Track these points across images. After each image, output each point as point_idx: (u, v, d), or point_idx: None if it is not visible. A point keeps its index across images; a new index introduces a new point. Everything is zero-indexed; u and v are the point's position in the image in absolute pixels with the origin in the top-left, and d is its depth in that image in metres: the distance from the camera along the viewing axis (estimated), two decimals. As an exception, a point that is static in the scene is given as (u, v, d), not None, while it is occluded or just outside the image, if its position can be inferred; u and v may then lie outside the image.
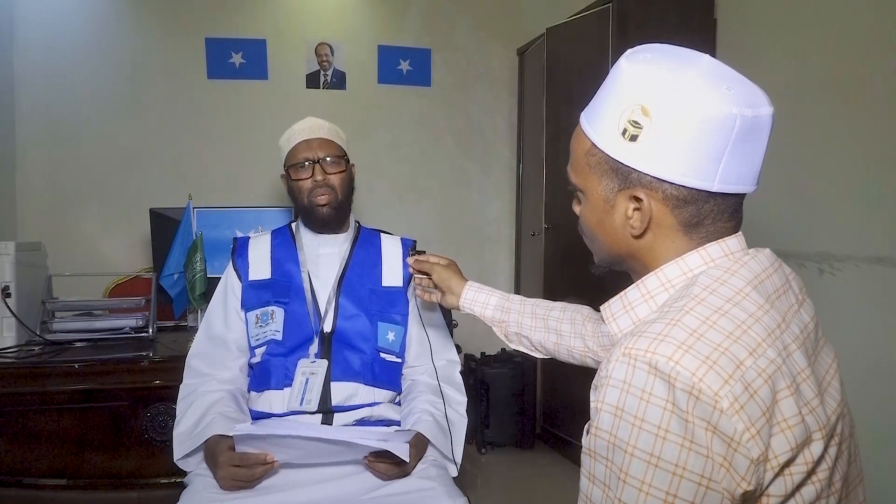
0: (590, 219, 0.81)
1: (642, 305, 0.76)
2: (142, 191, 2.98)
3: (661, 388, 0.60)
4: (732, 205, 0.72)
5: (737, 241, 0.73)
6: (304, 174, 1.48)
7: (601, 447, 0.63)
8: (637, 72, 0.71)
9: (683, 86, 0.68)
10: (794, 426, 0.61)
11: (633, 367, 0.62)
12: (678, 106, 0.68)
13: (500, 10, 3.50)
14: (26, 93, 2.93)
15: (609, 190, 0.75)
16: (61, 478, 1.64)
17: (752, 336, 0.63)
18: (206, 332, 1.50)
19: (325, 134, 1.52)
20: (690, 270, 0.72)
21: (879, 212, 1.83)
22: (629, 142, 0.70)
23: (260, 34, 3.17)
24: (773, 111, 0.69)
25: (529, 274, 3.29)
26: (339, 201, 1.50)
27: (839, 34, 1.95)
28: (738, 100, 0.67)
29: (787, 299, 0.72)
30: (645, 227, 0.73)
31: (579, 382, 2.65)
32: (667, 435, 0.59)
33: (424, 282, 1.36)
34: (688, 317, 0.64)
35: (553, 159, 2.95)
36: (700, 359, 0.60)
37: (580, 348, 1.19)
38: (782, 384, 0.62)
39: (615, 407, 0.62)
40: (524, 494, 2.63)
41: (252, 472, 1.21)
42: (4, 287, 1.79)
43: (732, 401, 0.59)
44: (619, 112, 0.71)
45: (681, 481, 0.58)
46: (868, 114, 1.85)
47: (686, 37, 2.49)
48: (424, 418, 1.38)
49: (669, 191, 0.70)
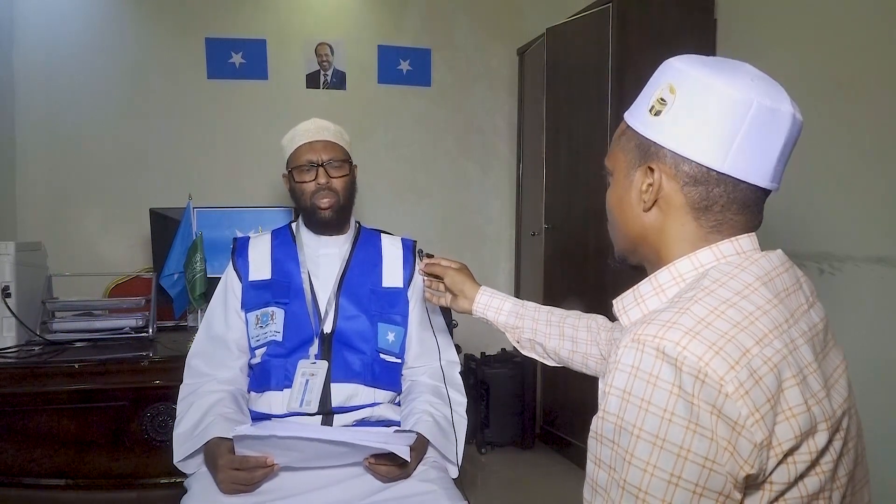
0: (612, 198, 0.84)
1: (653, 298, 0.77)
2: (142, 191, 2.98)
3: (668, 372, 0.61)
4: (743, 197, 0.73)
5: (749, 241, 0.75)
6: (308, 177, 1.47)
7: (608, 430, 0.64)
8: (677, 62, 0.76)
9: (711, 72, 0.72)
10: (799, 415, 0.62)
11: (642, 352, 0.63)
12: (701, 85, 0.72)
13: (500, 10, 3.50)
14: (26, 93, 2.94)
15: (631, 165, 0.79)
16: (61, 478, 1.63)
17: (758, 327, 0.64)
18: (207, 332, 1.50)
19: (330, 136, 1.51)
20: (702, 265, 0.74)
21: (879, 212, 1.83)
22: (654, 117, 0.75)
23: (260, 34, 3.17)
24: (801, 118, 0.72)
25: (529, 274, 3.29)
26: (341, 205, 1.50)
27: (839, 34, 1.95)
28: (760, 89, 0.71)
29: (796, 298, 0.73)
30: (653, 202, 0.76)
31: (579, 382, 2.66)
32: (672, 417, 0.60)
33: (434, 284, 1.34)
34: (696, 306, 0.65)
35: (553, 159, 2.95)
36: (707, 344, 0.61)
37: (596, 356, 1.18)
38: (788, 374, 0.63)
39: (623, 391, 0.63)
40: (524, 494, 2.62)
41: (252, 476, 1.21)
42: (4, 287, 1.79)
43: (738, 385, 0.60)
44: (652, 93, 0.76)
45: (685, 463, 0.60)
46: (868, 114, 1.85)
47: (686, 37, 2.49)
48: (424, 419, 1.37)
49: (682, 166, 0.73)
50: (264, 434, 1.17)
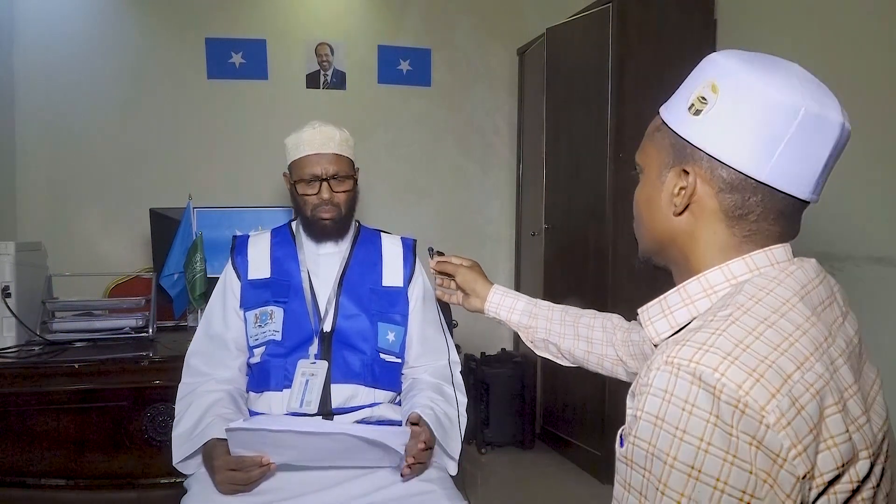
0: (640, 196, 0.81)
1: (682, 310, 0.74)
2: (142, 191, 2.98)
3: (704, 400, 0.58)
4: (781, 207, 0.70)
5: (783, 251, 0.71)
6: (311, 190, 1.45)
7: (639, 456, 0.62)
8: (721, 58, 0.71)
9: (757, 70, 0.68)
10: (841, 444, 0.59)
11: (676, 377, 0.60)
12: (746, 86, 0.68)
13: (500, 10, 3.50)
14: (26, 93, 2.94)
15: (664, 165, 0.75)
16: (61, 478, 1.63)
17: (799, 349, 0.61)
18: (206, 331, 1.49)
19: (336, 148, 1.46)
20: (735, 277, 0.71)
21: (879, 212, 1.83)
22: (693, 116, 0.71)
23: (260, 34, 3.17)
24: (849, 126, 0.68)
25: (529, 274, 3.29)
26: (342, 217, 1.49)
27: (839, 34, 1.95)
28: (809, 95, 0.66)
29: (832, 312, 0.70)
30: (685, 205, 0.73)
31: (579, 382, 2.67)
32: (709, 448, 0.57)
33: (446, 283, 1.32)
34: (733, 327, 0.62)
35: (553, 159, 2.95)
36: (746, 371, 0.58)
37: (612, 357, 1.15)
38: (830, 400, 0.60)
39: (655, 416, 0.60)
40: (524, 494, 2.62)
41: (248, 476, 1.20)
42: (4, 287, 1.79)
43: (779, 416, 0.57)
44: (692, 90, 0.72)
45: (722, 496, 0.57)
46: (868, 114, 1.85)
47: (686, 37, 2.50)
48: (426, 412, 1.37)
49: (718, 171, 0.70)
50: (257, 427, 1.17)
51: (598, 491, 2.50)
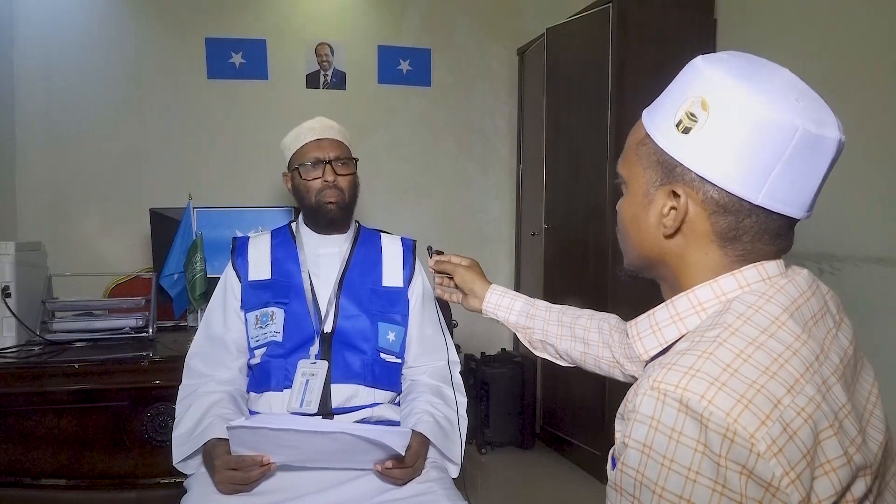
0: (626, 213, 0.77)
1: (670, 327, 0.72)
2: (142, 191, 2.98)
3: (692, 428, 0.57)
4: (776, 227, 0.68)
5: (775, 266, 0.69)
6: (315, 174, 1.47)
7: (627, 484, 0.61)
8: (707, 68, 0.67)
9: (750, 86, 0.64)
10: (840, 468, 0.58)
11: (663, 404, 0.59)
12: (739, 104, 0.64)
13: (500, 10, 3.50)
14: (26, 93, 2.94)
15: (651, 183, 0.72)
16: (61, 478, 1.63)
17: (789, 370, 0.59)
18: (206, 332, 1.49)
19: (336, 135, 1.51)
20: (724, 294, 0.69)
21: (879, 212, 1.83)
22: (681, 133, 0.67)
23: (260, 34, 3.17)
24: (844, 140, 0.65)
25: (529, 274, 3.29)
26: (346, 202, 1.50)
27: (839, 34, 1.95)
28: (805, 113, 0.64)
29: (824, 325, 0.68)
30: (677, 228, 0.70)
31: (579, 382, 2.67)
32: (697, 478, 0.56)
33: (445, 282, 1.32)
34: (721, 349, 0.60)
35: (553, 159, 2.95)
36: (735, 397, 0.56)
37: (608, 358, 1.14)
38: (824, 423, 0.58)
39: (643, 444, 0.59)
40: (524, 494, 2.62)
41: (248, 475, 1.21)
42: (4, 287, 1.79)
43: (770, 443, 0.55)
44: (679, 104, 0.68)
45: None
46: (868, 114, 1.85)
47: (686, 37, 2.50)
48: (425, 419, 1.37)
49: (711, 193, 0.67)
50: (258, 425, 1.17)
51: (598, 491, 2.50)
